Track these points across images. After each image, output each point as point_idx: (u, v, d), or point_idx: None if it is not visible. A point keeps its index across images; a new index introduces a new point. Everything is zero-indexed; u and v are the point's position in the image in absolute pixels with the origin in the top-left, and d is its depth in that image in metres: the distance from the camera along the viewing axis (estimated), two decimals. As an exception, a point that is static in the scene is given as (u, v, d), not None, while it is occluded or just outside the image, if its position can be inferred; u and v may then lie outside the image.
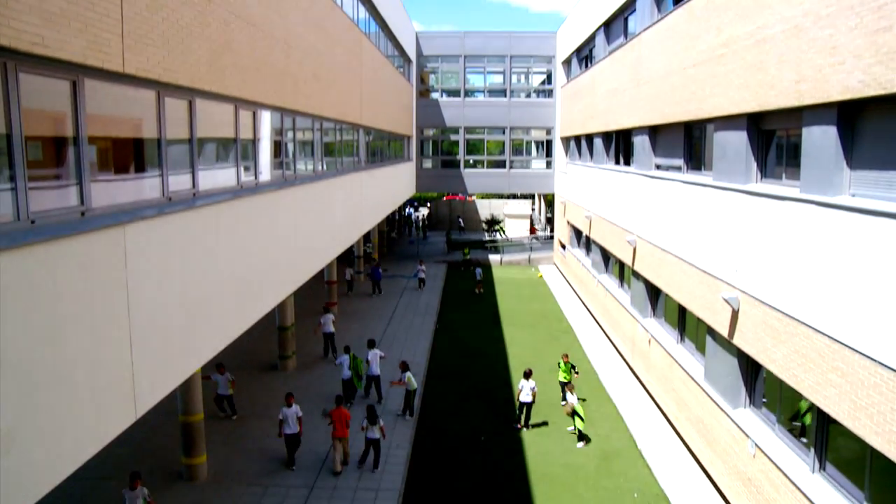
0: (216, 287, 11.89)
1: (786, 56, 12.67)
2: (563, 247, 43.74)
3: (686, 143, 19.83)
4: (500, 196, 68.98)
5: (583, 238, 37.37)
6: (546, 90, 51.78)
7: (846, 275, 10.67)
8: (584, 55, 38.61)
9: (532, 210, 68.71)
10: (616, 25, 29.79)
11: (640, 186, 23.77)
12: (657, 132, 22.66)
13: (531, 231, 60.23)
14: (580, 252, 38.04)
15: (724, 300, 15.00)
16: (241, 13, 13.01)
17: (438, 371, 26.48)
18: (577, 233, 39.17)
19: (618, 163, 28.87)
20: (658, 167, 22.47)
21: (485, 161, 52.76)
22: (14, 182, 6.67)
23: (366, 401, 22.35)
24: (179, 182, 10.74)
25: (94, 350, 7.85)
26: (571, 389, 20.95)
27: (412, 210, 76.34)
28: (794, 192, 12.61)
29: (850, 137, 11.15)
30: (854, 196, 11.00)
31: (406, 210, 73.23)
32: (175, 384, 10.39)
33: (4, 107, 6.57)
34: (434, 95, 52.36)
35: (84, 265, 7.66)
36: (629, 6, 26.98)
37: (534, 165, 53.30)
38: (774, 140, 14.42)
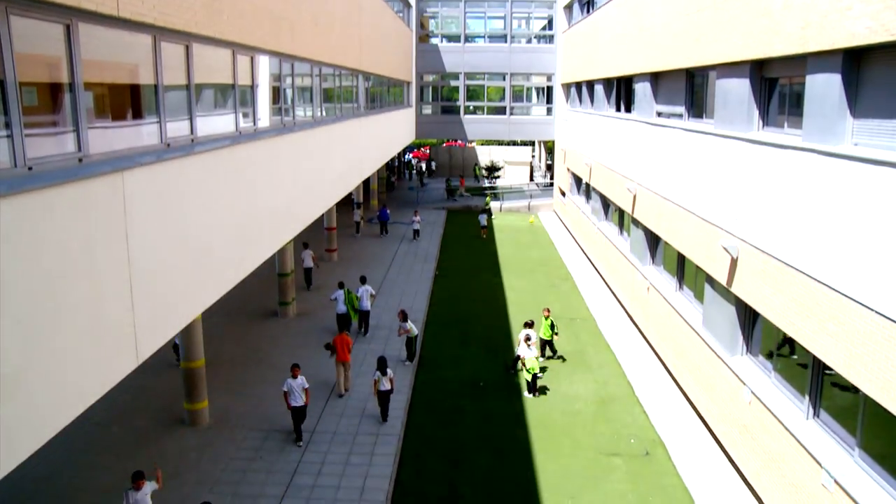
0: (216, 233, 11.89)
1: (791, 1, 12.46)
2: (563, 194, 43.61)
3: (688, 91, 19.62)
4: (500, 143, 68.54)
5: (583, 185, 37.23)
6: (547, 35, 51.07)
7: (846, 224, 10.66)
8: (586, 0, 37.99)
9: (532, 157, 68.34)
10: (619, -31, 29.22)
11: (641, 134, 23.61)
12: (659, 79, 22.42)
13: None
14: (580, 199, 37.95)
15: (724, 248, 15.01)
16: (238, -45, 12.75)
17: (438, 317, 26.67)
18: (578, 180, 39.02)
19: (619, 110, 28.62)
20: (659, 114, 22.28)
21: (485, 107, 52.31)
22: (10, 128, 6.61)
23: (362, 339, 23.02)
24: (178, 129, 10.66)
25: (95, 296, 7.88)
26: (530, 343, 20.31)
27: (411, 156, 75.98)
28: (796, 141, 12.52)
29: (855, 85, 11.02)
30: (856, 145, 10.93)
31: (405, 156, 72.89)
32: (176, 330, 10.48)
33: (-3, 51, 6.47)
34: (434, 41, 51.69)
35: (83, 212, 7.64)
36: (633, -51, 26.43)
37: (534, 112, 52.87)
38: (777, 88, 14.27)
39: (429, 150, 73.41)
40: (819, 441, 11.68)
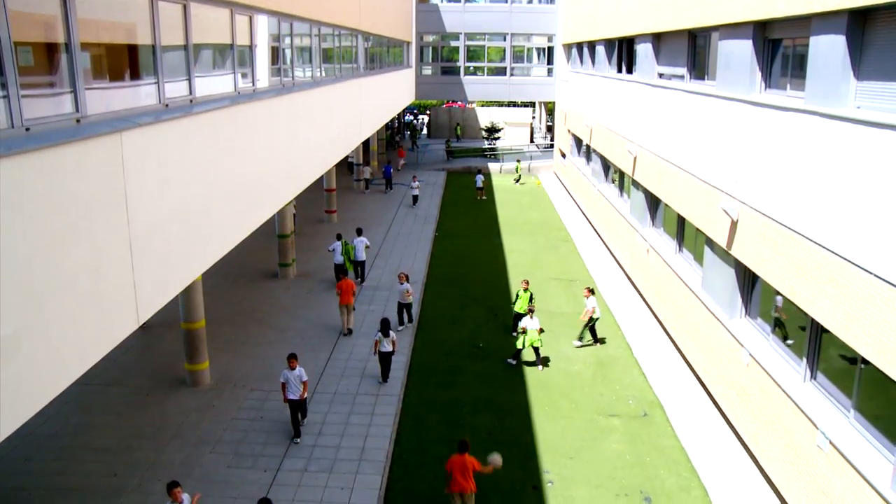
0: (215, 194, 11.86)
1: (797, -40, 12.28)
2: (564, 155, 43.43)
3: (690, 52, 19.43)
4: (500, 104, 68.10)
5: (583, 147, 37.06)
6: (549, -6, 50.52)
7: (847, 187, 10.63)
8: (589, -42, 37.47)
9: (532, 118, 67.93)
10: (623, -74, 28.77)
11: (643, 95, 23.44)
12: (661, 40, 22.20)
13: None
14: (580, 161, 37.79)
15: (724, 210, 14.99)
16: (235, -89, 12.55)
17: (438, 278, 26.74)
18: (578, 141, 38.83)
19: (620, 71, 28.37)
20: (661, 76, 22.09)
21: (485, 68, 51.90)
22: (6, 89, 6.55)
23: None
24: (176, 89, 10.57)
25: (95, 257, 7.88)
26: (532, 314, 19.75)
27: (412, 117, 75.60)
28: (798, 103, 12.42)
29: (859, 47, 10.91)
30: (859, 108, 10.85)
31: (405, 117, 72.49)
32: (176, 291, 10.49)
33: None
34: (434, 0, 51.07)
35: (81, 172, 7.61)
36: None
37: (535, 73, 52.46)
38: (780, 49, 14.12)
39: (428, 112, 72.96)
40: (815, 403, 11.77)
